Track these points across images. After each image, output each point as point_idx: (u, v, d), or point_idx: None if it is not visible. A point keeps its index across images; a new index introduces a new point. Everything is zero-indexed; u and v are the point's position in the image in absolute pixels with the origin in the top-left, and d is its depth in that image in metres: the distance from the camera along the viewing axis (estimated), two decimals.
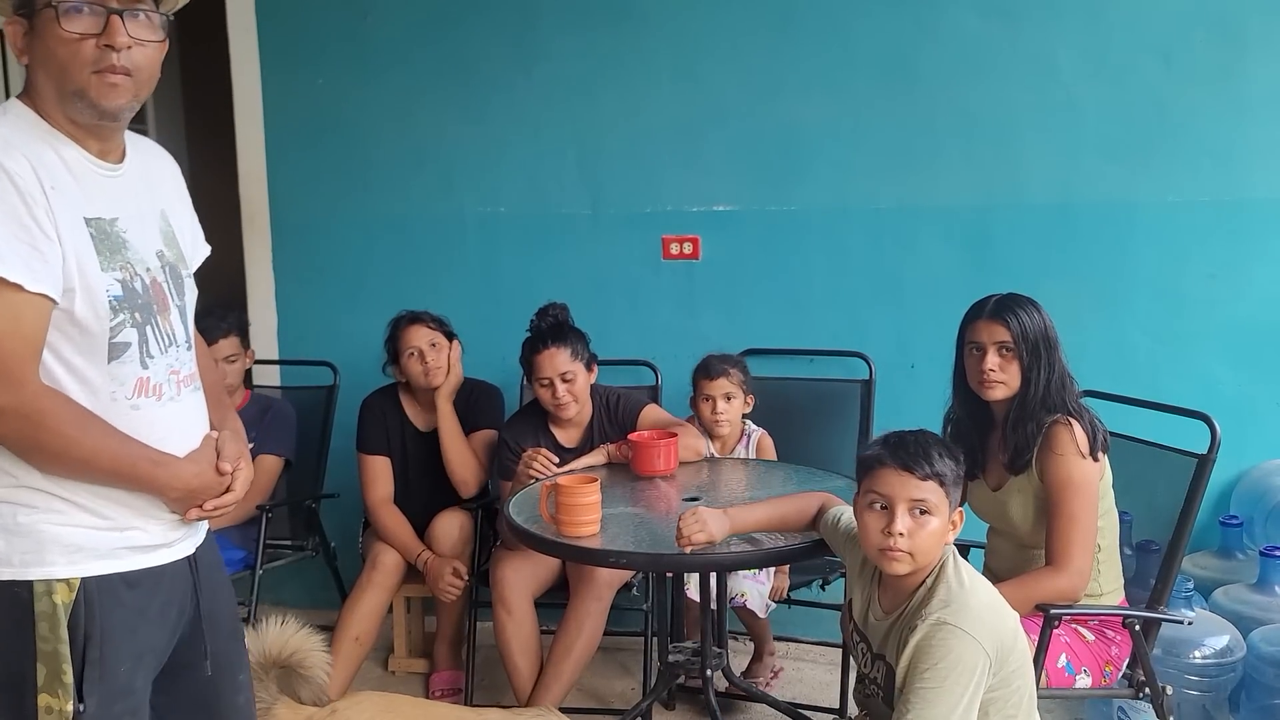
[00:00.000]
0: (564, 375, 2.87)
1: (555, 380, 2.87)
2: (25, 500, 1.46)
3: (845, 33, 3.29)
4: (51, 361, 1.46)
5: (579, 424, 3.01)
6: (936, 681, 1.72)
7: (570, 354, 2.88)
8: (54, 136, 1.49)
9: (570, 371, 2.87)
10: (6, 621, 1.46)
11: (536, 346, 2.90)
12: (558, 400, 2.88)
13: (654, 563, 2.35)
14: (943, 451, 1.82)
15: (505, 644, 2.91)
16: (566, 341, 2.89)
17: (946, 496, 1.80)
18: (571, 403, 2.90)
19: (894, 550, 1.79)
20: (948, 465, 1.81)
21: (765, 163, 3.40)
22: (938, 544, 1.82)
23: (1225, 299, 3.13)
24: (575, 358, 2.89)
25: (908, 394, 3.25)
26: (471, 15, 3.54)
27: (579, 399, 2.92)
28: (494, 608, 2.93)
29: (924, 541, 1.80)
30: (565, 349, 2.87)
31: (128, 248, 1.53)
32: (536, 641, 2.94)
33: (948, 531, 1.83)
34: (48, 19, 1.45)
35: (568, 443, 3.00)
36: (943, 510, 1.80)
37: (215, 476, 1.60)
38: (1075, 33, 3.15)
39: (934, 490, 1.79)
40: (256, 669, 2.10)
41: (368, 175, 3.69)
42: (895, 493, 1.80)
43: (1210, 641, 2.69)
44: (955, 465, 1.83)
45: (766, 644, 3.23)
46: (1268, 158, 3.08)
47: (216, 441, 1.65)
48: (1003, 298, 2.35)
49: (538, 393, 2.94)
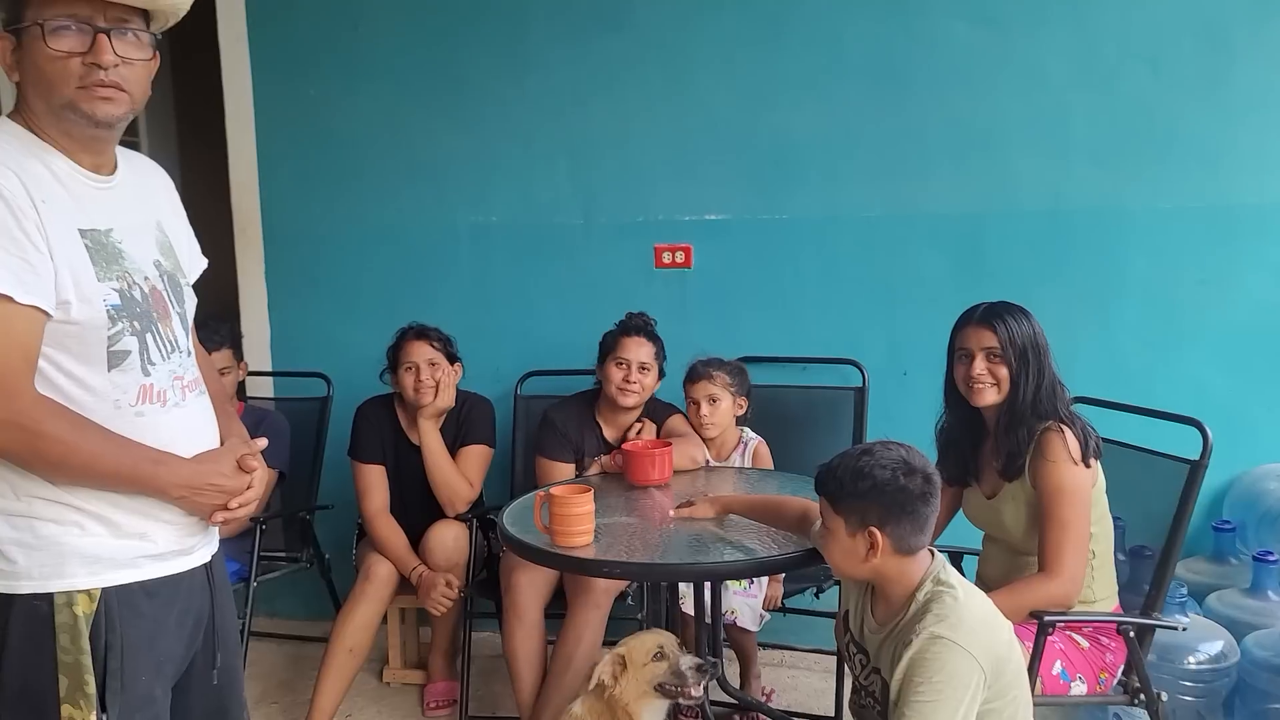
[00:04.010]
0: (642, 365, 3.06)
1: (633, 366, 3.05)
2: (41, 513, 1.47)
3: (836, 42, 3.31)
4: (53, 372, 1.47)
5: (624, 422, 3.13)
6: (932, 695, 1.72)
7: (654, 351, 3.10)
8: (45, 151, 1.50)
9: (648, 365, 3.07)
10: (27, 635, 1.47)
11: (629, 331, 3.10)
12: (628, 384, 3.03)
13: (648, 572, 2.35)
14: (842, 468, 1.86)
15: (513, 652, 2.91)
16: (656, 341, 3.13)
17: (836, 513, 1.87)
18: (636, 393, 3.05)
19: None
20: (835, 482, 1.87)
21: (757, 172, 3.41)
22: (840, 557, 1.90)
23: (1216, 304, 3.15)
24: (657, 358, 3.11)
25: (900, 401, 3.26)
26: (463, 26, 3.55)
27: (644, 393, 3.08)
28: (505, 615, 2.92)
29: (828, 553, 1.94)
30: (652, 346, 3.10)
31: (124, 257, 1.54)
32: (544, 653, 2.94)
33: (853, 548, 1.86)
34: (34, 36, 1.46)
35: (611, 437, 3.12)
36: (834, 525, 1.88)
37: (229, 477, 1.61)
38: (1064, 41, 3.17)
39: (824, 504, 1.92)
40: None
41: (360, 186, 3.69)
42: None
43: (1204, 647, 2.69)
44: (850, 482, 1.84)
45: (753, 665, 3.19)
46: (1257, 163, 3.09)
47: (228, 445, 1.67)
48: (992, 305, 2.36)
49: (609, 371, 3.06)
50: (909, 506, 1.81)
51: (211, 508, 1.61)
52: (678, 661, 2.28)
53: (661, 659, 2.29)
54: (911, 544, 1.83)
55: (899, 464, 1.82)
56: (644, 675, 2.28)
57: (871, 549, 1.82)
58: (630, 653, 2.30)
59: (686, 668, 2.27)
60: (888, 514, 1.81)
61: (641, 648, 2.30)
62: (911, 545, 1.83)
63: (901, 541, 1.82)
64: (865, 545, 1.83)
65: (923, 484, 1.82)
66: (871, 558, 1.83)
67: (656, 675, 2.28)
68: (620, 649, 2.31)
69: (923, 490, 1.82)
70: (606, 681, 2.29)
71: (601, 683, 2.30)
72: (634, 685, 2.28)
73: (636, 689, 2.28)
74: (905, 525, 1.81)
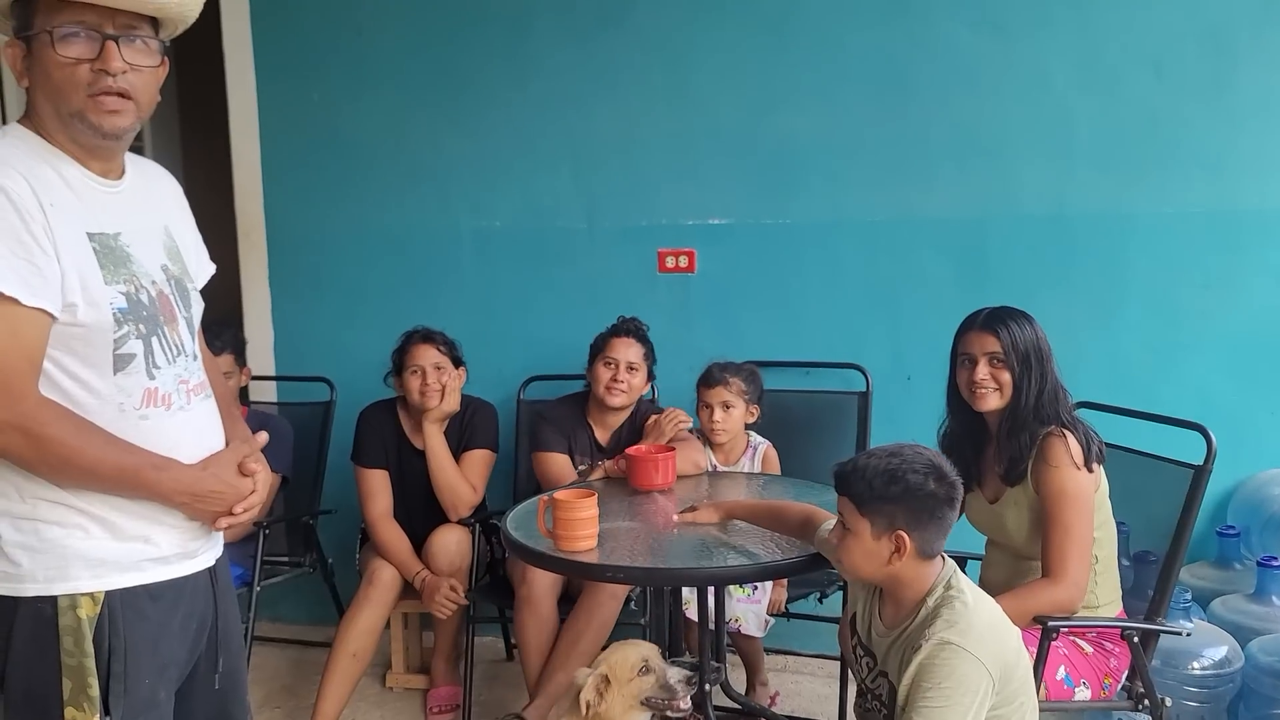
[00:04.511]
0: (631, 364, 3.07)
1: (621, 365, 3.07)
2: (46, 516, 1.48)
3: (839, 47, 3.31)
4: (58, 374, 1.47)
5: (614, 424, 3.14)
6: (941, 701, 1.72)
7: (644, 352, 3.12)
8: (55, 156, 1.51)
9: (636, 365, 3.08)
10: (31, 637, 1.48)
11: (618, 332, 3.13)
12: (615, 383, 3.05)
13: (651, 577, 2.34)
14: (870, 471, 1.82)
15: (526, 643, 2.92)
16: (645, 342, 3.14)
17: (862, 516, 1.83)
18: (624, 393, 3.06)
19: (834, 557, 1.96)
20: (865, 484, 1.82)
21: (760, 176, 3.41)
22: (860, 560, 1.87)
23: (1220, 309, 3.14)
24: (645, 358, 3.12)
25: (904, 405, 3.25)
26: (466, 30, 3.55)
27: (631, 393, 3.09)
28: (518, 606, 2.93)
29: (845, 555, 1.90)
30: (641, 347, 3.12)
31: (132, 261, 1.55)
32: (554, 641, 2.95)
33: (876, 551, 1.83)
34: (44, 43, 1.47)
35: (601, 438, 3.14)
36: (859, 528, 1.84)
37: (231, 483, 1.61)
38: (1067, 46, 3.17)
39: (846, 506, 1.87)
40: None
41: (363, 190, 3.69)
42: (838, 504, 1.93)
43: (1208, 652, 2.69)
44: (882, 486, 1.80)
45: (759, 673, 3.18)
46: (1260, 168, 3.09)
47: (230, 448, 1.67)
48: (994, 310, 2.36)
49: (598, 371, 3.08)
50: (937, 511, 1.82)
51: (214, 514, 1.61)
52: (665, 674, 2.21)
53: (647, 673, 2.21)
54: (934, 548, 1.84)
55: (930, 468, 1.82)
56: (629, 691, 2.20)
57: (896, 552, 1.82)
58: (613, 669, 2.21)
59: (675, 680, 2.20)
60: (915, 518, 1.81)
61: (625, 663, 2.22)
62: (934, 550, 1.84)
63: (926, 545, 1.83)
64: (890, 548, 1.82)
65: (950, 489, 1.83)
66: (895, 561, 1.83)
67: (643, 690, 2.20)
68: (601, 667, 2.22)
69: (949, 495, 1.83)
70: (592, 701, 2.19)
71: (588, 703, 2.19)
72: (620, 701, 2.20)
73: (623, 705, 2.20)
74: (931, 530, 1.82)
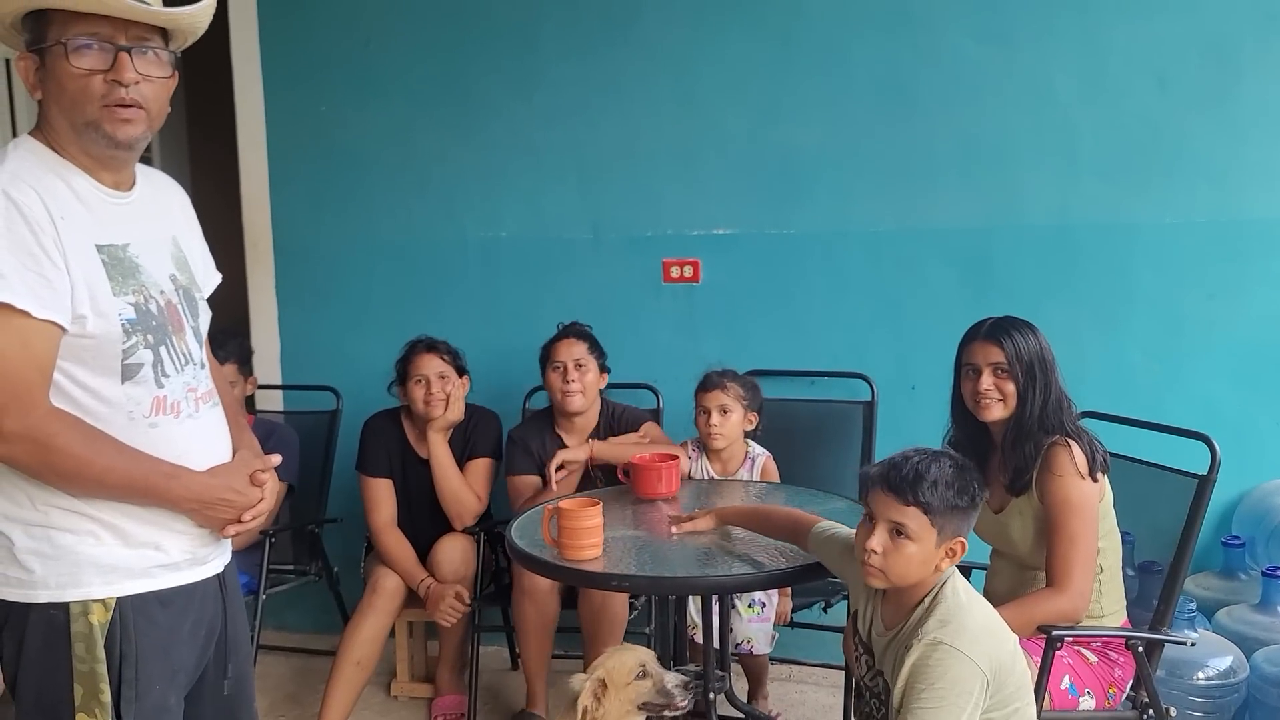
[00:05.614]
0: (578, 361, 3.04)
1: (569, 365, 3.04)
2: (58, 523, 1.49)
3: (844, 57, 3.32)
4: (68, 384, 1.49)
5: (583, 429, 3.11)
6: (934, 702, 1.73)
7: (587, 347, 3.09)
8: (65, 168, 1.53)
9: (583, 360, 3.05)
10: (43, 643, 1.49)
11: (558, 337, 3.11)
12: (567, 384, 3.03)
13: (655, 586, 2.35)
14: (941, 481, 1.80)
15: (525, 632, 2.95)
16: (586, 339, 3.11)
17: (932, 525, 1.80)
18: (579, 393, 3.04)
19: (867, 565, 1.85)
20: (939, 495, 1.79)
21: (765, 186, 3.42)
22: (916, 568, 1.83)
23: (1224, 319, 3.15)
24: (590, 352, 3.08)
25: (909, 415, 3.26)
26: (472, 41, 3.57)
27: (587, 392, 3.06)
28: (517, 598, 2.94)
29: (898, 563, 1.82)
30: (583, 343, 3.09)
31: (140, 272, 1.57)
32: (552, 628, 2.98)
33: (933, 558, 1.82)
34: (57, 55, 1.49)
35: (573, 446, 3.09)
36: (925, 537, 1.80)
37: (241, 490, 1.63)
38: (1071, 57, 3.18)
39: (915, 516, 1.80)
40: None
41: (370, 200, 3.71)
42: (879, 511, 1.85)
43: (1213, 662, 2.69)
44: (954, 496, 1.80)
45: (762, 685, 3.18)
46: (1263, 178, 3.10)
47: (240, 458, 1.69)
48: (998, 320, 2.36)
49: (549, 379, 3.08)
50: (973, 518, 1.88)
51: (223, 521, 1.62)
52: (662, 679, 2.19)
53: (645, 677, 2.19)
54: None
55: (980, 480, 1.88)
56: (627, 696, 2.17)
57: (948, 557, 1.84)
58: (611, 674, 2.19)
59: (672, 685, 2.18)
60: (966, 525, 1.86)
61: (622, 668, 2.19)
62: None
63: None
64: (944, 555, 1.84)
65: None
66: (942, 566, 1.85)
67: (641, 695, 2.18)
68: (598, 672, 2.20)
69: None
70: (589, 706, 2.16)
71: (585, 708, 2.16)
72: (616, 707, 2.17)
73: (620, 709, 2.18)
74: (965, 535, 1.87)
